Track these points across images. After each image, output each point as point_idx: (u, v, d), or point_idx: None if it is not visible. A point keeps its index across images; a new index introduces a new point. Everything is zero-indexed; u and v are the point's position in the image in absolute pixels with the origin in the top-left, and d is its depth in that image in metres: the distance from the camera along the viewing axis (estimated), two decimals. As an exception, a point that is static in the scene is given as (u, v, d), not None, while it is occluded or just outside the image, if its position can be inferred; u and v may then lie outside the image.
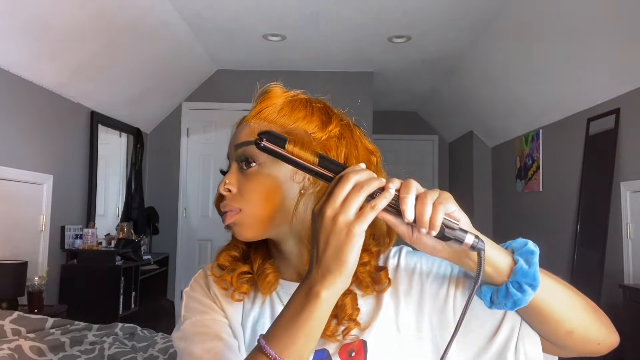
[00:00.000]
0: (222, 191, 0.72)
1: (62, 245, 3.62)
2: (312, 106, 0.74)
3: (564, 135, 4.09)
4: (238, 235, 0.72)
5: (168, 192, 5.12)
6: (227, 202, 0.72)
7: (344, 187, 0.56)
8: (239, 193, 0.71)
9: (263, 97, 0.74)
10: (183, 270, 5.08)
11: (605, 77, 3.35)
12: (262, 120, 0.72)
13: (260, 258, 0.77)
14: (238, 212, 0.71)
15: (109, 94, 4.11)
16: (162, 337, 2.40)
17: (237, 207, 0.71)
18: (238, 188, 0.71)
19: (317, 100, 0.77)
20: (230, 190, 0.72)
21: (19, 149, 3.14)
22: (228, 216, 0.71)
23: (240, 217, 0.71)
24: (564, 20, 3.20)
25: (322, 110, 0.75)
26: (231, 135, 0.77)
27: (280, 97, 0.73)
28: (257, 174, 0.71)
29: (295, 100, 0.74)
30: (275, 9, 3.64)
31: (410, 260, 0.75)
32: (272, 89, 0.74)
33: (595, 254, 3.43)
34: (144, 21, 3.53)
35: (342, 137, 0.73)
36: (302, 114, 0.73)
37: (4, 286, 2.74)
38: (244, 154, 0.71)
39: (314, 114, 0.73)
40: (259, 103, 0.74)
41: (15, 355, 1.94)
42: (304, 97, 0.76)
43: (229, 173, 0.73)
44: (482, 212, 5.80)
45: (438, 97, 5.92)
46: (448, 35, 4.05)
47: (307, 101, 0.75)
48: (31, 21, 2.82)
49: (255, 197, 0.70)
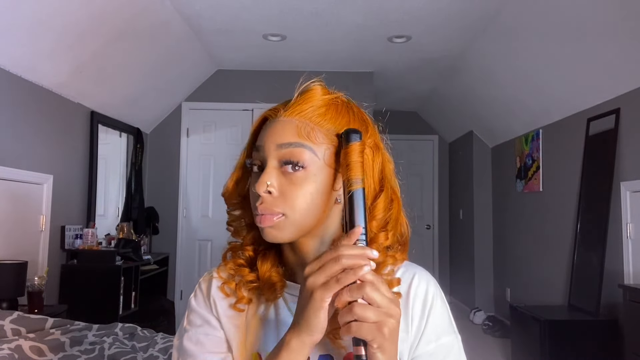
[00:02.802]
0: (261, 192, 0.68)
1: (62, 245, 3.62)
2: (353, 111, 0.73)
3: (564, 135, 4.09)
4: (272, 238, 0.70)
5: (168, 192, 5.12)
6: (268, 206, 0.68)
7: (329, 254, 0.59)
8: (282, 196, 0.68)
9: (305, 95, 0.71)
10: (183, 270, 5.09)
11: (605, 77, 3.35)
12: (307, 120, 0.69)
13: (268, 264, 0.75)
14: (280, 217, 0.68)
15: (109, 94, 4.11)
16: (162, 337, 2.40)
17: (279, 211, 0.68)
18: (279, 191, 0.68)
19: (354, 104, 0.75)
20: (270, 192, 0.68)
21: (19, 149, 3.14)
22: (268, 219, 0.68)
23: (283, 222, 0.68)
24: (564, 20, 3.20)
25: (360, 117, 0.74)
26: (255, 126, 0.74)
27: (321, 99, 0.71)
28: (305, 179, 0.68)
29: (338, 104, 0.72)
30: (275, 9, 3.64)
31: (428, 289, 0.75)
32: (315, 87, 0.72)
33: (595, 254, 3.43)
34: (144, 21, 3.53)
35: (377, 147, 0.73)
36: (346, 120, 0.71)
37: (4, 286, 2.74)
38: (291, 157, 0.68)
39: (355, 120, 0.72)
40: (302, 101, 0.71)
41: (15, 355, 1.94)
42: (345, 99, 0.74)
43: (268, 173, 0.68)
44: (482, 212, 5.80)
45: (438, 97, 5.92)
46: (448, 35, 4.05)
47: (348, 106, 0.73)
48: (31, 21, 2.82)
49: (301, 203, 0.68)
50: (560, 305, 3.91)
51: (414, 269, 0.77)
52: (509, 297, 5.15)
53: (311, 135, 0.68)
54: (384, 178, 0.72)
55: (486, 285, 5.71)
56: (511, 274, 5.18)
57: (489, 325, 5.07)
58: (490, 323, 5.09)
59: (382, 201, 0.71)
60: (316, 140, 0.68)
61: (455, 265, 6.58)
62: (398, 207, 0.74)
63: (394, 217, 0.73)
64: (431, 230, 6.84)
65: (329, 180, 0.69)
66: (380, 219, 0.71)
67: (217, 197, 5.07)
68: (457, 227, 6.48)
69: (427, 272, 0.78)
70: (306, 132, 0.68)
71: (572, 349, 3.20)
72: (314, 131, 0.68)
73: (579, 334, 3.25)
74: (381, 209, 0.71)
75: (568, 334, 3.24)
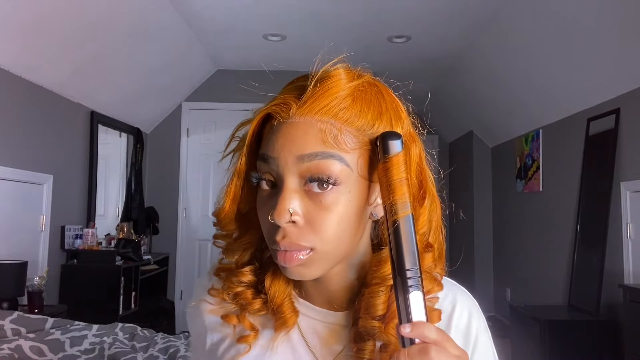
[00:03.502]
0: (282, 223, 0.51)
1: (62, 245, 3.62)
2: (384, 98, 0.57)
3: (564, 135, 4.09)
4: (299, 277, 0.55)
5: (168, 192, 5.12)
6: (293, 240, 0.52)
7: None
8: (309, 226, 0.52)
9: (326, 85, 0.53)
10: (183, 270, 5.09)
11: (605, 77, 3.35)
12: (331, 118, 0.52)
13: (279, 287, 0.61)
14: (309, 253, 0.53)
15: (109, 94, 4.10)
16: (162, 337, 2.40)
17: (308, 246, 0.52)
18: (306, 218, 0.52)
19: (384, 87, 0.59)
20: (294, 222, 0.52)
21: (19, 149, 3.13)
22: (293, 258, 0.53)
23: (312, 257, 0.53)
24: (564, 20, 3.20)
25: (393, 105, 0.58)
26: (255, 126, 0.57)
27: (346, 86, 0.54)
28: (336, 199, 0.52)
29: (366, 91, 0.55)
30: (275, 9, 3.64)
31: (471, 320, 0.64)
32: (337, 72, 0.55)
33: (595, 254, 3.43)
34: (144, 21, 3.53)
35: (412, 138, 0.58)
36: (378, 111, 0.55)
37: (4, 286, 2.74)
38: (317, 172, 0.51)
39: (388, 108, 0.56)
40: (323, 92, 0.53)
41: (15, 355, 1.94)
42: (372, 80, 0.58)
43: (289, 195, 0.52)
44: (482, 212, 5.80)
45: (438, 97, 5.92)
46: (448, 35, 4.05)
47: (377, 91, 0.57)
48: (31, 21, 2.81)
49: (334, 231, 0.52)
50: (560, 305, 3.91)
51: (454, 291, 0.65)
52: (509, 297, 5.15)
53: (339, 139, 0.52)
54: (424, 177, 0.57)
55: (486, 285, 5.71)
56: (511, 274, 5.18)
57: (489, 325, 5.07)
58: (490, 323, 5.09)
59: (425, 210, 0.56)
60: (347, 146, 0.52)
61: (455, 265, 6.57)
62: (438, 211, 0.59)
63: (435, 225, 0.58)
64: (431, 230, 6.83)
65: (364, 195, 0.54)
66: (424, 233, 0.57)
67: (217, 197, 5.07)
68: (457, 227, 6.48)
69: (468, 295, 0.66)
70: (333, 136, 0.52)
71: (572, 349, 3.20)
72: (342, 134, 0.52)
73: (579, 334, 3.25)
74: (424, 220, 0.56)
75: (568, 334, 3.24)
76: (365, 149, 0.53)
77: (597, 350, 3.19)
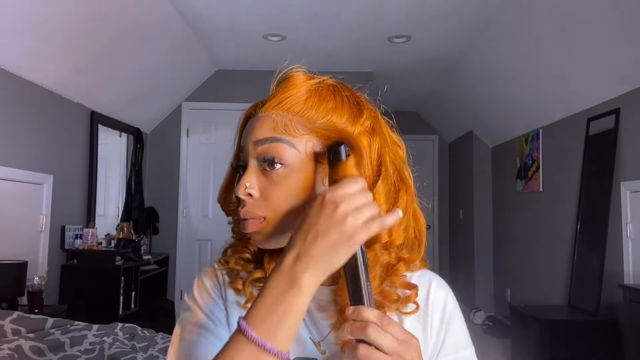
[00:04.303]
0: (241, 195, 0.63)
1: (62, 245, 3.62)
2: (342, 95, 0.66)
3: (564, 135, 4.09)
4: (259, 244, 0.65)
5: (168, 192, 5.12)
6: (249, 209, 0.63)
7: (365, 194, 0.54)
8: (262, 198, 0.62)
9: (284, 84, 0.65)
10: (183, 270, 5.08)
11: (605, 77, 3.35)
12: (285, 112, 0.63)
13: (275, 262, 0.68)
14: (262, 221, 0.63)
15: (109, 94, 4.11)
16: (162, 337, 2.40)
17: (261, 214, 0.62)
18: (260, 192, 0.62)
19: (344, 87, 0.68)
20: (251, 195, 0.63)
21: (19, 149, 3.14)
22: (250, 224, 0.63)
23: (265, 226, 0.63)
24: (564, 20, 3.20)
25: (352, 100, 0.66)
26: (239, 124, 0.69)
27: (304, 85, 0.64)
28: (285, 176, 0.62)
29: (322, 88, 0.65)
30: (275, 9, 3.64)
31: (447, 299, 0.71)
32: (295, 74, 0.65)
33: (595, 254, 3.43)
34: (144, 21, 3.53)
35: (374, 131, 0.65)
36: (332, 105, 0.64)
37: (4, 286, 2.74)
38: (268, 153, 0.62)
39: (344, 104, 0.65)
40: (281, 91, 0.64)
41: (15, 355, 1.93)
42: (331, 82, 0.67)
43: (248, 174, 0.63)
44: (482, 212, 5.80)
45: (438, 97, 5.92)
46: (448, 35, 4.05)
47: (335, 89, 0.66)
48: (31, 21, 2.82)
49: (283, 203, 0.62)
50: (560, 305, 3.91)
51: (430, 275, 0.72)
52: (509, 297, 5.15)
53: (289, 127, 0.62)
54: (381, 164, 0.64)
55: (486, 285, 5.71)
56: (511, 274, 5.18)
57: (489, 325, 5.07)
58: (490, 323, 5.09)
59: (380, 189, 0.63)
60: (296, 133, 0.62)
61: (455, 265, 6.58)
62: (408, 198, 0.66)
63: (402, 207, 0.65)
64: (431, 230, 6.84)
65: (315, 175, 0.62)
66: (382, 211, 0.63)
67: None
68: (457, 227, 6.48)
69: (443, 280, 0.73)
70: (283, 124, 0.62)
71: (572, 349, 3.20)
72: (292, 122, 0.62)
73: (579, 334, 3.25)
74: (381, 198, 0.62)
75: (568, 334, 3.24)
76: (316, 135, 0.62)
77: (597, 350, 3.19)
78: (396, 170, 0.66)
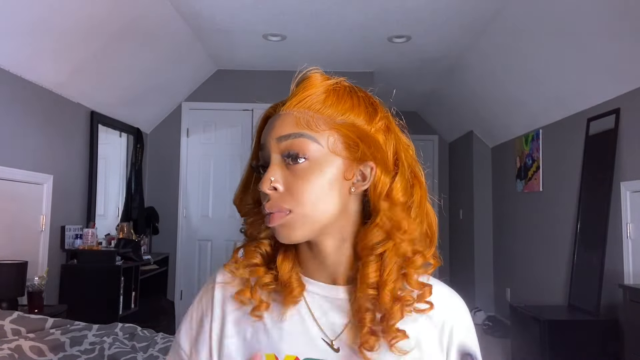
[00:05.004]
0: (266, 190, 0.64)
1: (62, 245, 3.62)
2: (357, 95, 0.69)
3: (564, 135, 4.09)
4: (284, 238, 0.66)
5: (168, 192, 5.12)
6: (274, 202, 0.65)
7: None
8: (288, 192, 0.64)
9: (304, 84, 0.68)
10: (183, 270, 5.08)
11: (605, 77, 3.35)
12: (306, 109, 0.66)
13: (288, 263, 0.70)
14: (288, 214, 0.64)
15: (109, 94, 4.10)
16: (162, 337, 2.40)
17: (287, 207, 0.64)
18: (285, 186, 0.65)
19: (359, 89, 0.71)
20: (276, 189, 0.65)
21: (19, 149, 3.14)
22: (275, 217, 0.64)
23: (291, 218, 0.64)
24: (564, 20, 3.20)
25: (367, 100, 0.70)
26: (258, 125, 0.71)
27: (321, 85, 0.68)
28: (308, 170, 0.64)
29: (339, 89, 0.68)
30: (275, 9, 3.64)
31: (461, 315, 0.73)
32: (313, 75, 0.69)
33: (595, 254, 3.43)
34: (144, 21, 3.53)
35: (389, 130, 0.69)
36: (349, 104, 0.67)
37: (4, 286, 2.74)
38: (291, 148, 0.64)
39: (360, 104, 0.68)
40: (301, 90, 0.67)
41: (15, 355, 1.93)
42: (347, 84, 0.70)
43: (272, 169, 0.65)
44: (482, 212, 5.80)
45: (438, 97, 5.92)
46: (448, 35, 4.05)
47: (351, 89, 0.70)
48: (31, 21, 2.81)
49: (308, 196, 0.64)
50: (560, 305, 3.91)
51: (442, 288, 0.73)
52: (509, 297, 5.15)
53: (311, 123, 0.65)
54: (398, 160, 0.69)
55: (486, 285, 5.71)
56: (511, 274, 5.18)
57: (489, 325, 5.07)
58: (490, 323, 5.09)
59: (398, 184, 0.67)
60: (317, 128, 0.65)
61: (455, 265, 6.58)
62: (421, 193, 0.70)
63: (417, 202, 0.69)
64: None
65: (338, 169, 0.65)
66: (402, 203, 0.67)
67: (217, 197, 5.08)
68: (457, 227, 6.48)
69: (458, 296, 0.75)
70: (305, 120, 0.65)
71: (572, 349, 3.20)
72: (314, 119, 0.65)
73: (579, 334, 3.25)
74: (400, 191, 0.67)
75: (568, 334, 3.24)
76: (337, 131, 0.65)
77: (597, 350, 3.19)
78: (409, 167, 0.70)
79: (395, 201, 0.66)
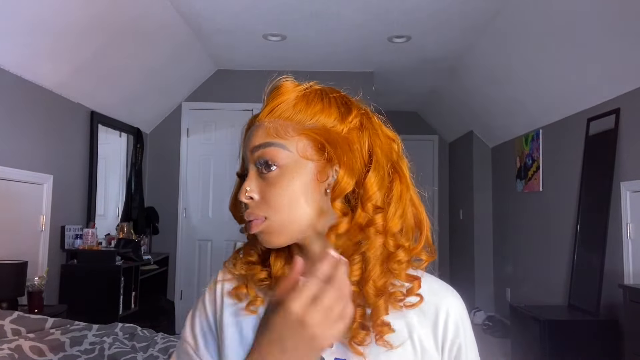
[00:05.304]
0: (243, 199, 0.68)
1: (62, 245, 3.62)
2: (329, 97, 0.71)
3: (564, 135, 4.09)
4: (266, 243, 0.69)
5: (168, 192, 5.12)
6: (251, 211, 0.68)
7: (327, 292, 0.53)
8: (263, 200, 0.67)
9: (274, 94, 0.70)
10: (183, 270, 5.08)
11: (605, 77, 3.35)
12: (276, 118, 0.68)
13: (281, 261, 0.73)
14: (264, 221, 0.67)
15: (109, 94, 4.10)
16: (162, 337, 2.40)
17: (262, 215, 0.67)
18: (260, 194, 0.67)
19: (332, 90, 0.73)
20: (252, 198, 0.68)
21: (19, 149, 3.14)
22: (253, 225, 0.67)
23: (268, 225, 0.67)
24: (564, 20, 3.20)
25: (340, 101, 0.71)
26: (242, 137, 0.74)
27: (292, 92, 0.70)
28: (280, 177, 0.66)
29: (309, 93, 0.70)
30: (275, 9, 3.64)
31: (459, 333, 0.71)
32: (283, 83, 0.71)
33: (595, 254, 3.43)
34: (144, 21, 3.53)
35: (363, 127, 0.70)
36: (319, 107, 0.69)
37: (4, 286, 2.74)
38: (262, 157, 0.67)
39: (331, 105, 0.70)
40: (271, 100, 0.70)
41: (15, 355, 1.94)
42: (318, 87, 0.72)
43: (248, 179, 0.69)
44: (482, 212, 5.80)
45: (438, 97, 5.92)
46: (448, 35, 4.05)
47: (322, 92, 0.71)
48: (31, 21, 2.81)
49: (281, 202, 0.66)
50: (560, 305, 3.91)
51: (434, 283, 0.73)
52: (509, 297, 5.15)
53: (280, 131, 0.67)
54: (372, 155, 0.69)
55: (486, 285, 5.71)
56: (511, 274, 5.18)
57: (489, 325, 5.07)
58: (490, 323, 5.09)
59: (372, 178, 0.67)
60: (286, 135, 0.67)
61: (455, 265, 6.58)
62: (402, 187, 0.70)
63: (397, 197, 0.69)
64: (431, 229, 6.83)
65: (310, 173, 0.67)
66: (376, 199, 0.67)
67: (217, 197, 5.08)
68: (457, 227, 6.48)
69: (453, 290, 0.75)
70: (274, 129, 0.67)
71: (572, 349, 3.20)
72: (282, 127, 0.67)
73: (579, 334, 3.25)
74: (373, 186, 0.67)
75: (568, 334, 3.24)
76: (306, 136, 0.67)
77: (597, 350, 3.19)
78: (389, 162, 0.70)
79: (369, 196, 0.67)
